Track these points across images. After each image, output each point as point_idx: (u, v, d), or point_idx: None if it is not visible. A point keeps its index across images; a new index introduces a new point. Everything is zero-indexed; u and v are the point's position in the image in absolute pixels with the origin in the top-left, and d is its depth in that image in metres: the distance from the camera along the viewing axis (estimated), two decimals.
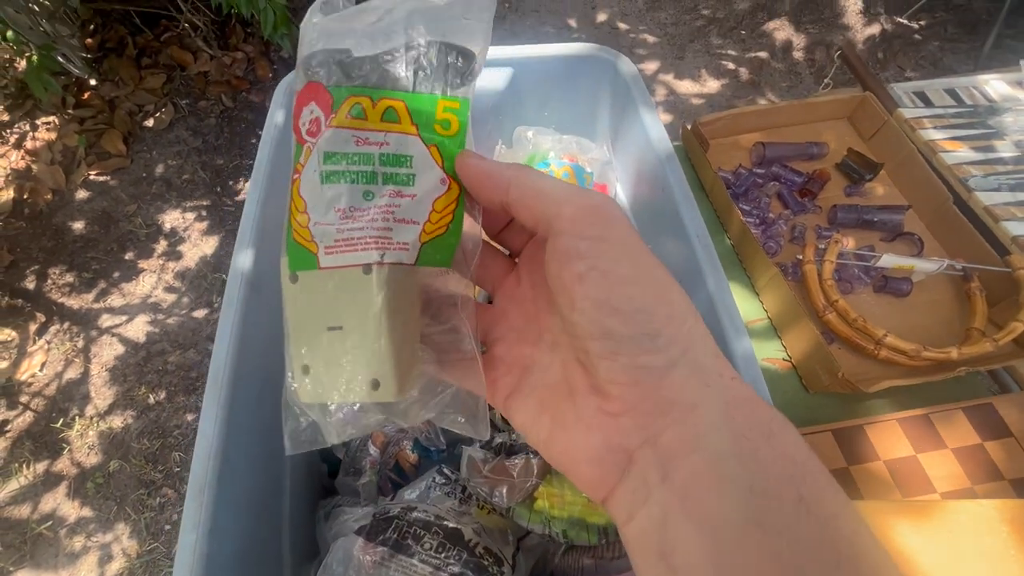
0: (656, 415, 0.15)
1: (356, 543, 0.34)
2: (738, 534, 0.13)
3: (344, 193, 0.19)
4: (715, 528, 0.13)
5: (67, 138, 1.66)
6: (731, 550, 0.13)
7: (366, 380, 0.18)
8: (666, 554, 0.14)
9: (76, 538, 1.12)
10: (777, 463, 0.13)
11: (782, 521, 0.13)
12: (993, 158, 0.73)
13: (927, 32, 1.98)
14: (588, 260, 0.16)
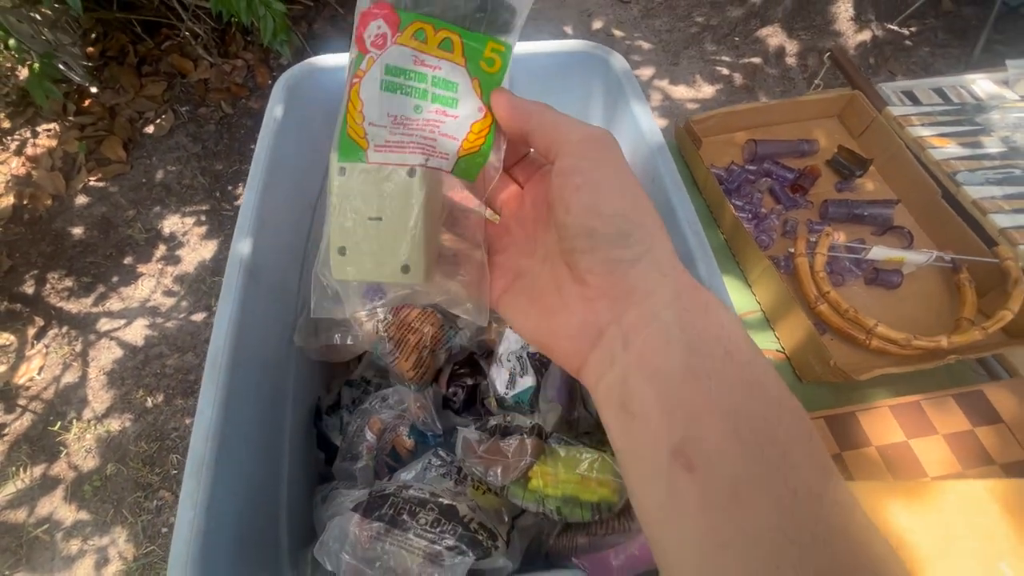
0: (623, 298, 0.19)
1: (352, 519, 0.34)
2: (678, 380, 0.17)
3: (399, 103, 0.22)
4: (661, 378, 0.17)
5: (68, 144, 1.67)
6: (673, 393, 0.17)
7: (398, 264, 0.22)
8: (625, 403, 0.18)
9: (73, 541, 1.11)
10: (709, 329, 0.17)
11: (712, 367, 0.16)
12: (980, 153, 0.74)
13: (918, 38, 2.01)
14: (585, 175, 0.20)
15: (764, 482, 0.15)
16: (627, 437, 0.17)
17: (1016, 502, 0.41)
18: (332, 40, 1.97)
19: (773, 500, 0.15)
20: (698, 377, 0.16)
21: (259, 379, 0.43)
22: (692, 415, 0.16)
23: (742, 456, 0.15)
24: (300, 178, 0.58)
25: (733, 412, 0.16)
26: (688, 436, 0.16)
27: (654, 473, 0.16)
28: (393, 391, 0.47)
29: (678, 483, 0.16)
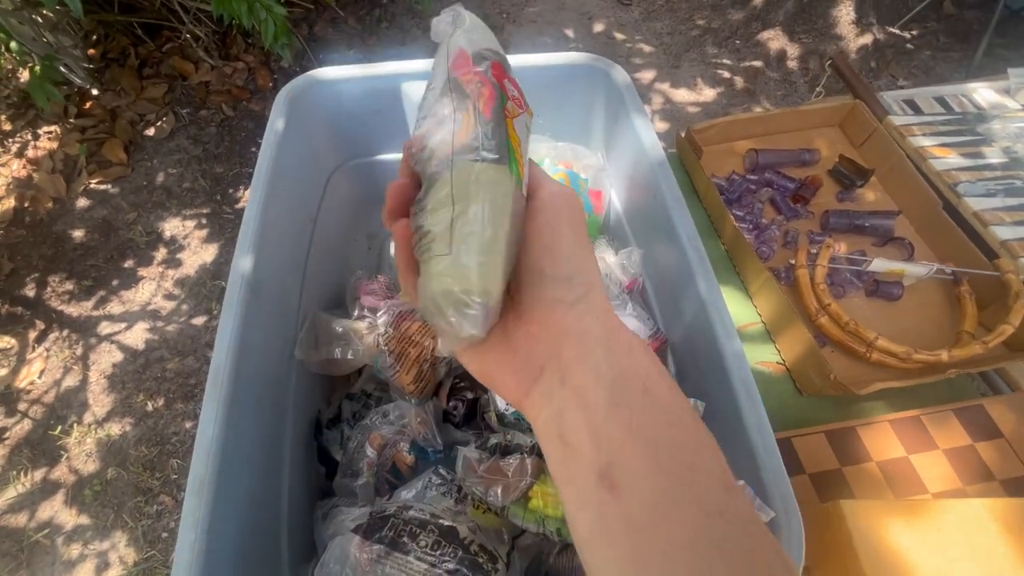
0: (560, 337, 0.21)
1: (353, 541, 0.34)
2: (604, 413, 0.19)
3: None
4: (591, 411, 0.19)
5: (68, 147, 1.67)
6: (600, 423, 0.19)
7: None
8: (563, 434, 0.19)
9: (73, 546, 1.12)
10: (632, 367, 0.20)
11: (632, 401, 0.19)
12: (982, 164, 0.74)
13: (919, 41, 2.01)
14: (550, 220, 0.22)
15: (678, 503, 0.17)
16: (563, 466, 0.19)
17: (1016, 521, 0.41)
18: (333, 43, 1.97)
19: (687, 519, 0.17)
20: (620, 409, 0.19)
21: (260, 394, 0.43)
22: (616, 443, 0.18)
23: (660, 479, 0.18)
24: (301, 191, 0.58)
25: (651, 440, 0.18)
26: (612, 461, 0.18)
27: (585, 498, 0.18)
28: (394, 406, 0.47)
29: (605, 506, 0.18)
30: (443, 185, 0.21)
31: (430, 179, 0.22)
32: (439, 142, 0.22)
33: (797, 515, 0.33)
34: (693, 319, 0.45)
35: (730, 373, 0.38)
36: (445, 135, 0.22)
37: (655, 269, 0.55)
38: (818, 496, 0.50)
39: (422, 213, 0.21)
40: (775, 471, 0.34)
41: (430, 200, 0.21)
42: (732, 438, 0.38)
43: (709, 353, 0.41)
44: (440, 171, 0.21)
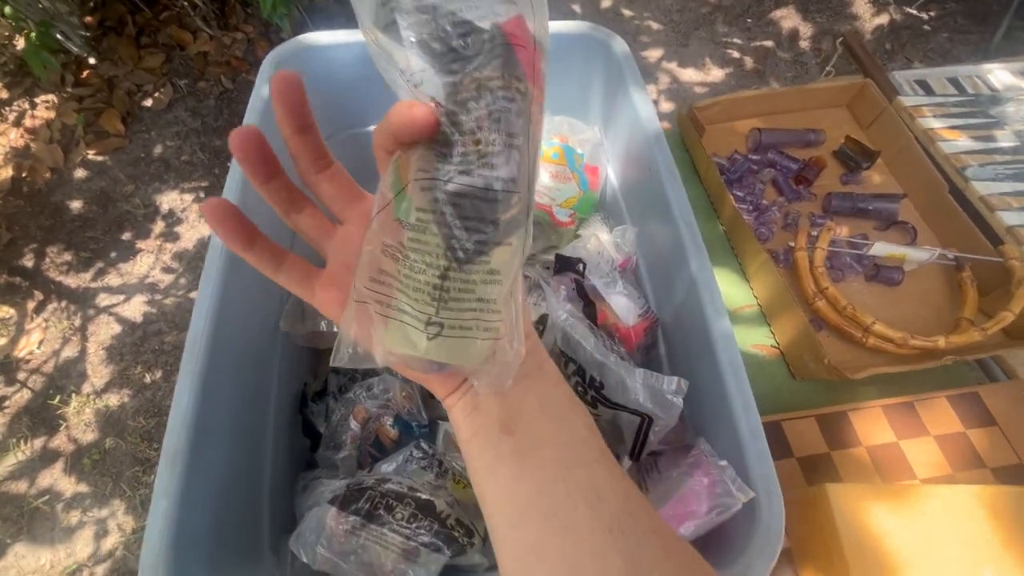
0: None
1: (329, 512, 0.34)
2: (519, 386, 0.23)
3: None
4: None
5: (66, 116, 1.66)
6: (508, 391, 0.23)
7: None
8: (476, 406, 0.23)
9: (72, 513, 1.14)
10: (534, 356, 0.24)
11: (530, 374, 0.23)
12: (992, 148, 0.72)
13: (936, 23, 1.94)
14: None
15: (556, 435, 0.23)
16: (472, 424, 0.23)
17: (1003, 508, 0.40)
18: (334, 14, 1.92)
19: (558, 445, 0.22)
20: (522, 380, 0.23)
21: (241, 365, 0.43)
22: (517, 402, 0.23)
23: (545, 424, 0.23)
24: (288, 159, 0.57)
25: (542, 398, 0.23)
26: (512, 414, 0.22)
27: (487, 443, 0.22)
28: (379, 380, 0.46)
29: (501, 444, 0.22)
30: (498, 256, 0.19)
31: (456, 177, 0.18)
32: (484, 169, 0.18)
33: (779, 497, 0.32)
34: (684, 298, 0.44)
35: (718, 354, 0.37)
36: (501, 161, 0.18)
37: (649, 247, 0.54)
38: (806, 480, 0.50)
39: (419, 219, 0.19)
40: (759, 453, 0.33)
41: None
42: (718, 419, 0.37)
43: (698, 333, 0.40)
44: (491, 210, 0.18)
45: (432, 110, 0.18)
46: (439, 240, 0.18)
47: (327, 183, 0.24)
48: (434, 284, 0.19)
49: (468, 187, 0.18)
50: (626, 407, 0.36)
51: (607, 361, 0.36)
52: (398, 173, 0.20)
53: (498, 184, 0.18)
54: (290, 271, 0.24)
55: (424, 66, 0.18)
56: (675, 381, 0.36)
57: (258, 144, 0.22)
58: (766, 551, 0.31)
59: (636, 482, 0.39)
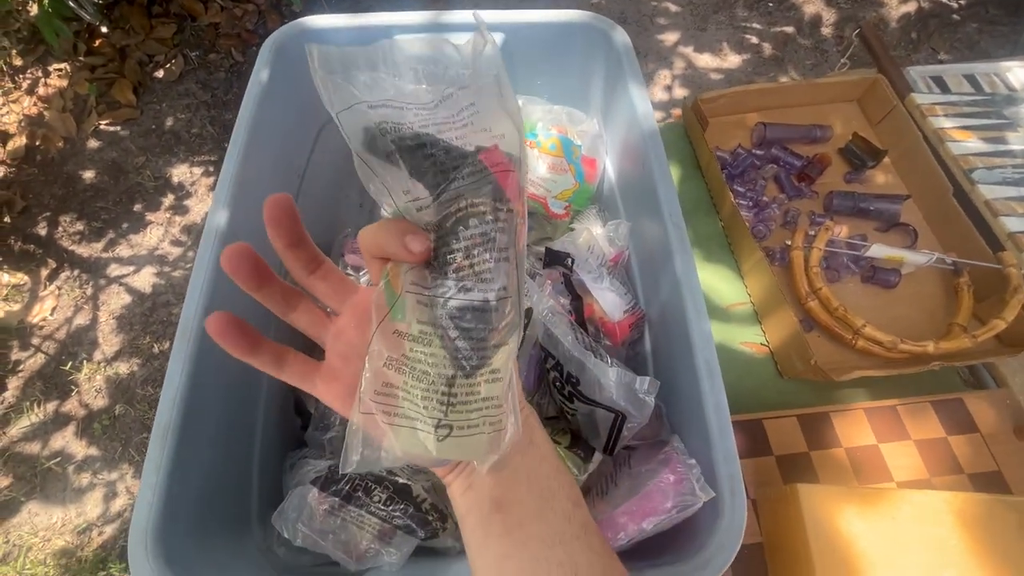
0: None
1: (311, 492, 0.35)
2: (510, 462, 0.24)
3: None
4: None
5: (78, 86, 1.67)
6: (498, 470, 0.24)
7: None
8: (471, 483, 0.24)
9: (83, 475, 1.18)
10: (527, 430, 0.25)
11: (525, 451, 0.25)
12: (1002, 150, 0.70)
13: (966, 12, 1.87)
14: None
15: (541, 512, 0.24)
16: (467, 502, 0.24)
17: (972, 515, 0.41)
18: None
19: (543, 522, 0.23)
20: (514, 454, 0.24)
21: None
22: (508, 479, 0.24)
23: (531, 501, 0.24)
24: (288, 144, 0.58)
25: (530, 473, 0.24)
26: (504, 491, 0.24)
27: (480, 520, 0.24)
28: None
29: (492, 521, 0.23)
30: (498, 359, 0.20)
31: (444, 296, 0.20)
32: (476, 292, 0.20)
33: (742, 497, 0.33)
34: (668, 297, 0.44)
35: (695, 354, 0.38)
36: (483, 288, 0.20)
37: (641, 243, 0.54)
38: (783, 478, 0.51)
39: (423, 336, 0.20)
40: (726, 453, 0.34)
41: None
42: (690, 417, 0.38)
43: (679, 332, 0.41)
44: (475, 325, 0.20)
45: (428, 243, 0.20)
46: (444, 352, 0.20)
47: (320, 282, 0.25)
48: (442, 391, 0.20)
49: (468, 303, 0.20)
50: (601, 404, 0.37)
51: (584, 359, 0.37)
52: (390, 283, 0.22)
53: (494, 297, 0.20)
54: (291, 368, 0.25)
55: (425, 193, 0.20)
56: (647, 381, 0.36)
57: (248, 258, 0.23)
58: (726, 548, 0.32)
59: (608, 474, 0.40)
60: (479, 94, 0.20)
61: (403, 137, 0.20)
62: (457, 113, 0.20)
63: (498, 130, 0.20)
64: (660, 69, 1.80)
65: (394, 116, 0.20)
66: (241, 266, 0.23)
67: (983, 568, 0.39)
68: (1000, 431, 0.52)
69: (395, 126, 0.20)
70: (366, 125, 0.20)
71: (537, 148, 0.59)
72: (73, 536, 1.12)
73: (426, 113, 0.20)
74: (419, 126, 0.20)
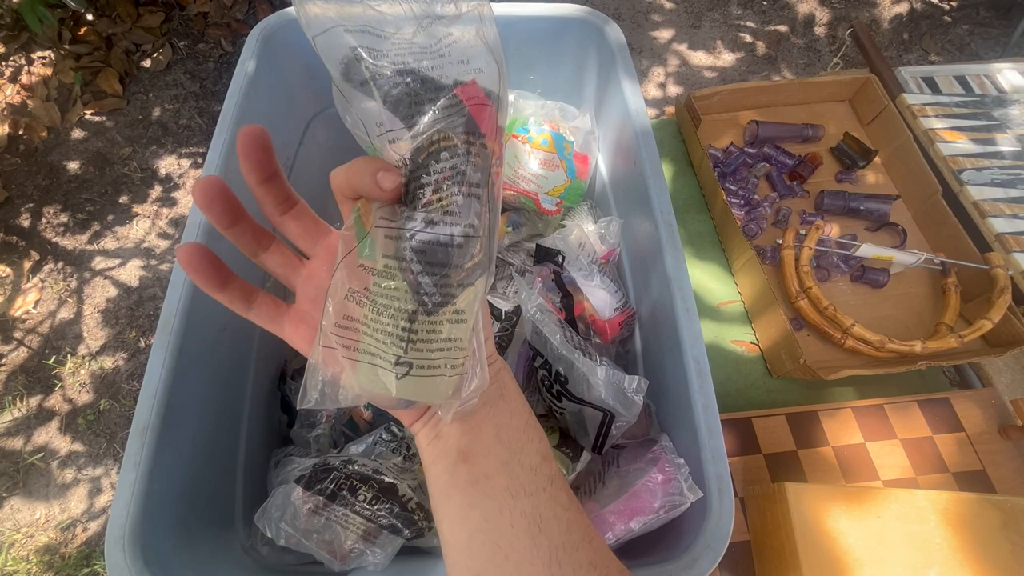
0: None
1: (295, 491, 0.35)
2: (479, 414, 0.24)
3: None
4: (469, 415, 0.24)
5: (63, 74, 1.63)
6: (465, 419, 0.24)
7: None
8: (438, 433, 0.24)
9: (67, 470, 1.16)
10: (498, 385, 0.25)
11: (495, 404, 0.25)
12: (991, 152, 0.71)
13: (958, 14, 1.89)
14: None
15: (508, 464, 0.24)
16: (433, 451, 0.24)
17: (956, 514, 0.41)
18: None
19: (509, 474, 0.23)
20: (486, 406, 0.24)
21: (218, 342, 0.43)
22: (476, 429, 0.24)
23: (499, 452, 0.24)
24: (275, 137, 0.56)
25: (499, 426, 0.24)
26: (471, 441, 0.23)
27: (446, 468, 0.23)
28: None
29: (457, 472, 0.23)
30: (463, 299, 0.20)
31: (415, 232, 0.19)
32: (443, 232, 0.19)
33: (730, 496, 0.33)
34: (659, 295, 0.44)
35: (684, 353, 0.38)
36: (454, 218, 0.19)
37: (632, 241, 0.54)
38: (771, 476, 0.51)
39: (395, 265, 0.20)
40: (715, 452, 0.34)
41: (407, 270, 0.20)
42: (680, 416, 0.38)
43: (669, 330, 0.41)
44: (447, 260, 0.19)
45: (399, 178, 0.19)
46: (406, 287, 0.19)
47: (293, 222, 0.24)
48: (402, 327, 0.20)
49: (433, 238, 0.19)
50: (589, 403, 0.36)
51: (572, 357, 0.36)
52: (360, 219, 0.21)
53: (460, 234, 0.19)
54: (260, 309, 0.25)
55: (399, 125, 0.19)
56: (636, 380, 0.36)
57: (222, 194, 0.22)
58: (713, 547, 0.32)
59: (596, 473, 0.40)
60: (459, 24, 0.19)
61: (378, 65, 0.19)
62: (435, 43, 0.19)
63: (476, 64, 0.20)
64: (654, 66, 1.79)
65: (371, 43, 0.19)
66: (215, 201, 0.22)
67: (967, 566, 0.39)
68: (985, 430, 0.53)
69: (371, 51, 0.19)
70: (343, 53, 0.19)
71: (529, 144, 0.59)
72: (57, 532, 1.10)
73: (403, 42, 0.19)
74: (395, 54, 0.19)
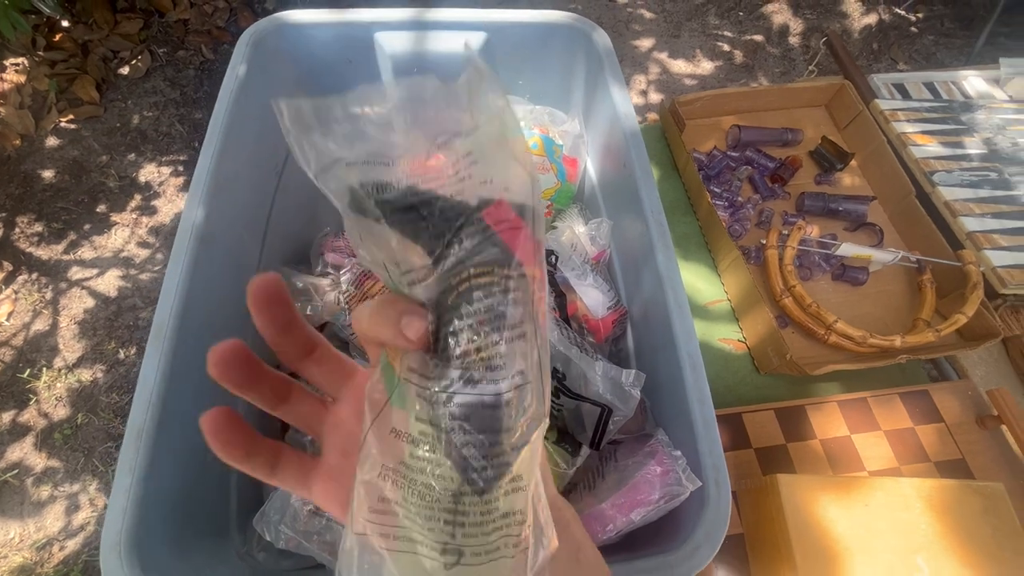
0: None
1: (294, 494, 0.35)
2: None
3: None
4: None
5: (37, 81, 1.59)
6: None
7: None
8: None
9: (43, 487, 1.13)
10: (573, 547, 0.21)
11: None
12: (960, 154, 0.74)
13: (924, 25, 1.97)
14: None
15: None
16: None
17: (939, 500, 0.43)
18: None
19: None
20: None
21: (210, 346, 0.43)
22: None
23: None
24: (265, 141, 0.56)
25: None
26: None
27: None
28: None
29: None
30: (520, 465, 0.16)
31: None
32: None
33: (727, 486, 0.34)
34: (651, 293, 0.45)
35: (678, 348, 0.39)
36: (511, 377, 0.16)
37: (622, 241, 0.55)
38: (762, 470, 0.52)
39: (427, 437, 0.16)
40: (711, 443, 0.35)
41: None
42: (675, 410, 0.39)
43: (662, 327, 0.41)
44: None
45: (426, 326, 0.16)
46: (448, 462, 0.16)
47: (315, 367, 0.22)
48: (447, 507, 0.16)
49: (476, 400, 0.16)
50: (587, 398, 0.37)
51: (570, 354, 0.37)
52: (389, 365, 0.17)
53: (507, 387, 0.16)
54: (285, 471, 0.21)
55: (423, 263, 0.16)
56: (632, 374, 0.37)
57: (241, 358, 0.20)
58: (712, 536, 0.32)
59: (595, 468, 0.40)
60: (478, 140, 0.16)
61: (390, 198, 0.16)
62: (454, 163, 0.16)
63: (502, 179, 0.17)
64: (635, 74, 1.83)
65: (378, 175, 0.16)
66: (230, 368, 0.19)
67: (951, 549, 0.41)
68: (963, 420, 0.55)
69: (380, 185, 0.16)
70: (350, 184, 0.16)
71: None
72: (32, 552, 1.07)
73: (416, 166, 0.16)
74: (408, 182, 0.16)
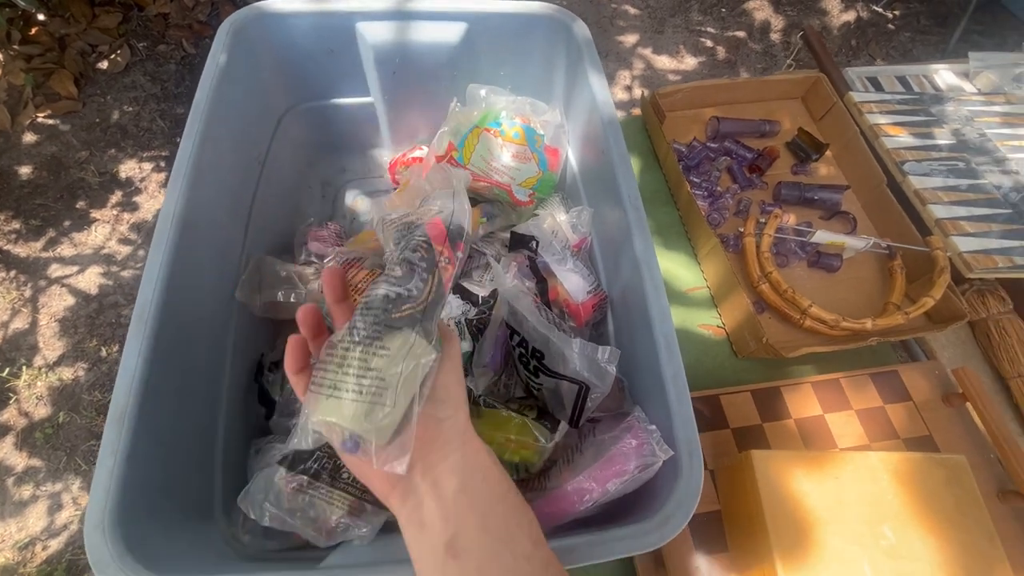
0: (429, 443, 0.26)
1: (277, 472, 0.35)
2: (453, 497, 0.25)
3: None
4: (443, 498, 0.25)
5: (13, 76, 1.56)
6: (449, 506, 0.25)
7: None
8: (421, 519, 0.25)
9: (24, 487, 1.11)
10: (476, 461, 0.27)
11: (473, 486, 0.26)
12: (929, 145, 0.76)
13: (900, 22, 2.01)
14: (445, 359, 0.29)
15: (499, 555, 0.24)
16: (419, 544, 0.25)
17: (905, 472, 0.44)
18: None
19: (501, 566, 0.24)
20: (465, 492, 0.25)
21: (194, 333, 0.43)
22: (459, 519, 0.24)
23: (488, 544, 0.24)
24: (248, 131, 0.56)
25: (484, 514, 0.25)
26: (455, 534, 0.24)
27: (435, 566, 0.24)
28: None
29: (448, 569, 0.24)
30: (389, 340, 0.25)
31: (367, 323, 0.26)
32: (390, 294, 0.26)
33: (699, 459, 0.35)
34: (629, 277, 0.46)
35: (654, 328, 0.40)
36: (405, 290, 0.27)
37: (602, 228, 0.56)
38: (738, 448, 0.53)
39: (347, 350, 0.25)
40: (684, 419, 0.36)
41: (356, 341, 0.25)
42: (651, 389, 0.40)
43: (639, 309, 0.43)
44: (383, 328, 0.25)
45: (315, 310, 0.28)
46: (346, 331, 0.26)
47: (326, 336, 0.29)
48: (339, 359, 0.25)
49: (376, 293, 0.27)
50: (565, 376, 0.38)
51: (549, 334, 0.38)
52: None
53: (394, 293, 0.27)
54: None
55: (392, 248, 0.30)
56: (608, 350, 0.38)
57: (318, 316, 0.29)
58: (685, 505, 0.34)
59: (573, 445, 0.41)
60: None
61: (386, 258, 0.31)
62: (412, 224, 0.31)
63: (439, 206, 0.32)
64: (620, 69, 1.84)
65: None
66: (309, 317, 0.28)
67: (916, 518, 0.42)
68: (931, 399, 0.57)
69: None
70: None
71: (501, 136, 0.60)
72: (14, 552, 1.05)
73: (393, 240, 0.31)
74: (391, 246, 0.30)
